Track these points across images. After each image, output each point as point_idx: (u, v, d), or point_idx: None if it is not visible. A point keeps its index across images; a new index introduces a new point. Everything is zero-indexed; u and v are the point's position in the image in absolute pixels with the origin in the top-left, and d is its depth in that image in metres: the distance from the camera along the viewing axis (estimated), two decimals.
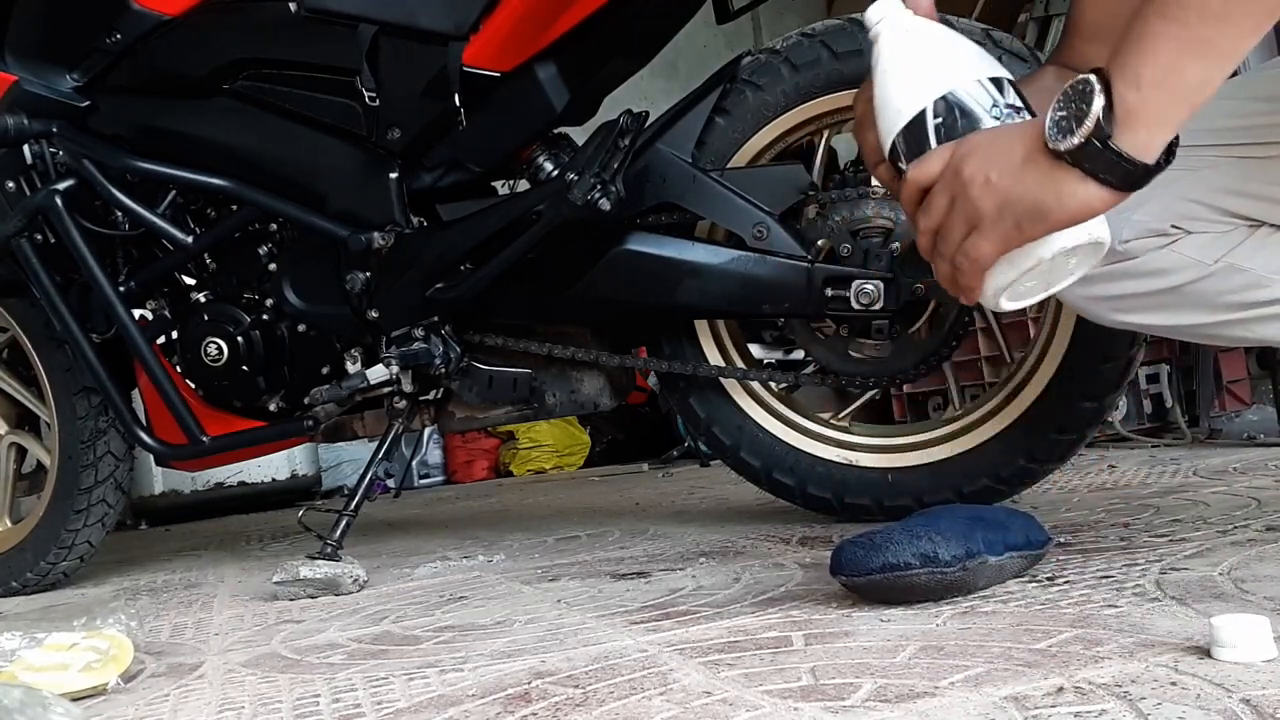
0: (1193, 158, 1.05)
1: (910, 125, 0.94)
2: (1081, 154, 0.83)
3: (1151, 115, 0.82)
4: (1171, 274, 1.07)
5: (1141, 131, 0.82)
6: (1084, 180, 0.84)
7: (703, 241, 1.70)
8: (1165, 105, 0.82)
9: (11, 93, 1.90)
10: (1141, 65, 0.82)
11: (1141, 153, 0.83)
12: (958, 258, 0.92)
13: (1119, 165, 0.83)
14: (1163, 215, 1.06)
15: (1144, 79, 0.82)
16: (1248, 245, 1.05)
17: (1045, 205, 0.86)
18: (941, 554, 1.05)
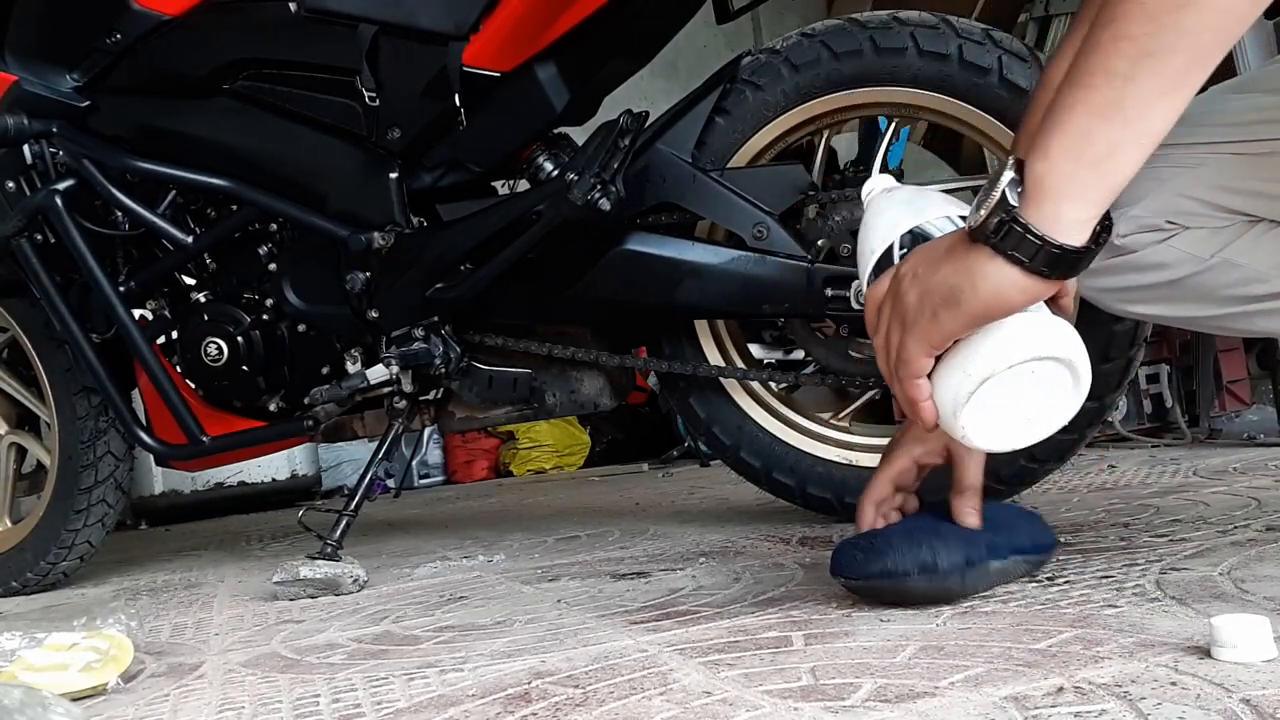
0: (1188, 155, 1.06)
1: (880, 260, 0.96)
2: (989, 230, 0.81)
3: (1059, 185, 0.79)
4: (1170, 268, 1.08)
5: (1048, 204, 0.79)
6: (994, 259, 0.81)
7: (703, 241, 1.70)
8: (1073, 174, 0.79)
9: (11, 93, 1.90)
10: (1051, 135, 0.80)
11: (1052, 228, 0.79)
12: (896, 368, 0.89)
13: (1028, 241, 0.80)
14: (1159, 211, 1.07)
15: (1052, 148, 0.80)
16: (1244, 241, 1.06)
17: (958, 288, 0.83)
18: (941, 563, 1.05)
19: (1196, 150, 1.07)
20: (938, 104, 1.59)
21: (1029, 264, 0.80)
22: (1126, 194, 1.08)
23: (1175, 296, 1.10)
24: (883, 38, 1.60)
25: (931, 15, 1.61)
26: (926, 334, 0.86)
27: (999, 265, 0.81)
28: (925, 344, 0.87)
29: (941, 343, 0.86)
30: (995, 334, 0.86)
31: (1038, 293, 0.83)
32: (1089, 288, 1.15)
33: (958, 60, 1.57)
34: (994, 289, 0.82)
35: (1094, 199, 0.80)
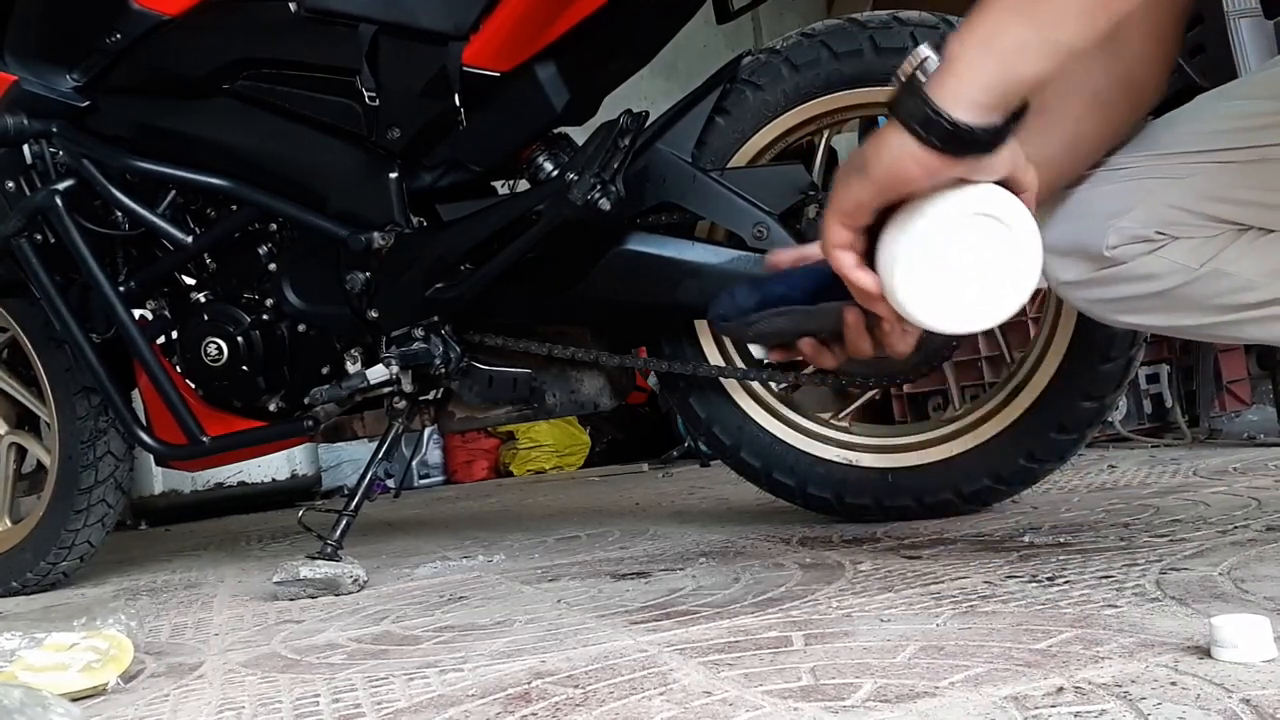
0: (1176, 166, 1.07)
1: None
2: (896, 100, 0.85)
3: (963, 68, 0.83)
4: (1160, 278, 1.08)
5: (950, 80, 0.83)
6: (898, 129, 0.85)
7: (703, 241, 1.70)
8: (979, 60, 0.83)
9: (11, 93, 1.90)
10: (971, 22, 0.84)
11: (946, 102, 0.83)
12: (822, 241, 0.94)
13: (924, 110, 0.83)
14: (1147, 222, 1.08)
15: (967, 34, 0.84)
16: (1233, 249, 1.06)
17: (867, 158, 0.87)
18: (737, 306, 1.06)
19: (1184, 160, 1.07)
20: None
21: (923, 134, 0.84)
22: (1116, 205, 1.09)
23: (1167, 306, 1.10)
24: (883, 38, 1.60)
25: (931, 15, 1.61)
26: (839, 202, 0.90)
27: (900, 134, 0.85)
28: (838, 211, 0.90)
29: (852, 210, 0.89)
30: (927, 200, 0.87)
31: (932, 167, 0.85)
32: (1081, 298, 1.15)
33: None
34: (893, 157, 0.86)
35: (992, 87, 0.83)
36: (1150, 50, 1.07)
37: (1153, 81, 1.09)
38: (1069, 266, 1.14)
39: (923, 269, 0.88)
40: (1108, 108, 1.08)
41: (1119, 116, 1.09)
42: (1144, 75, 1.08)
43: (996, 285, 0.89)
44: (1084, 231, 1.10)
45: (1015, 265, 0.88)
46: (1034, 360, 1.62)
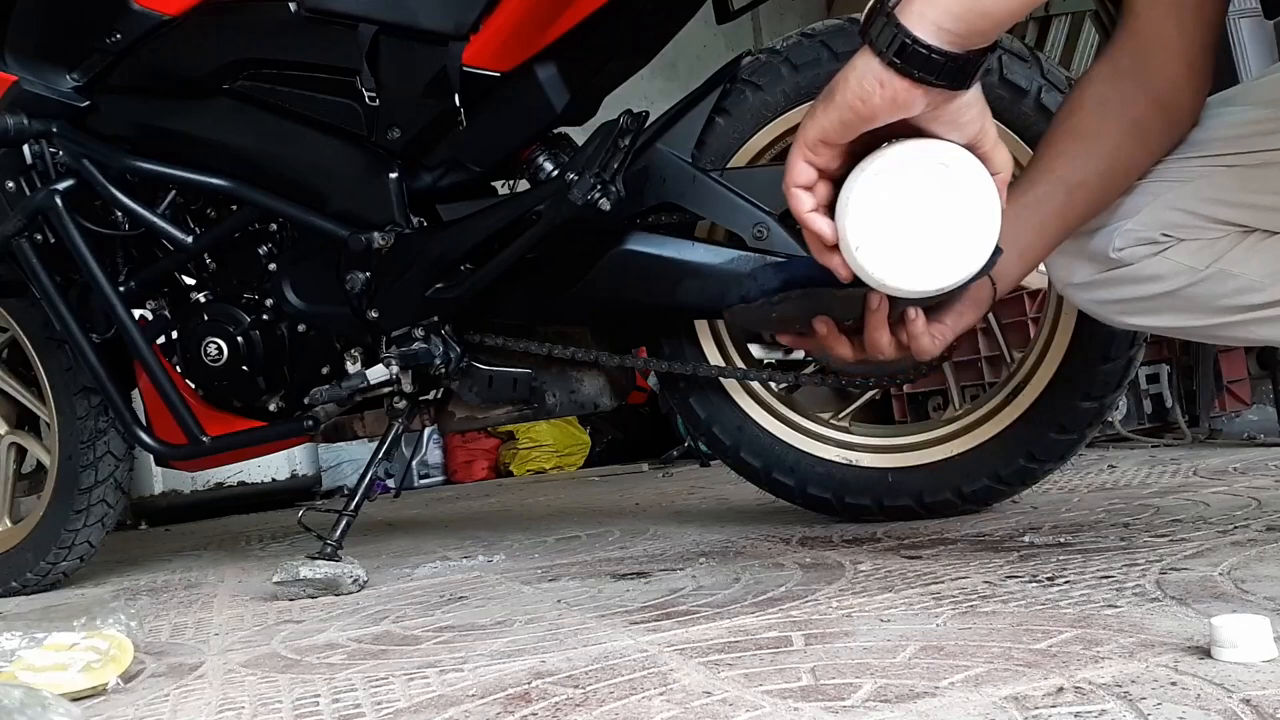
0: (1181, 170, 1.07)
1: None
2: (866, 25, 0.84)
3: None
4: (1165, 279, 1.09)
5: (920, 5, 0.82)
6: (865, 53, 0.85)
7: (703, 241, 1.70)
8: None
9: (11, 93, 1.90)
10: None
11: (914, 25, 0.82)
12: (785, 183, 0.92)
13: (891, 31, 0.82)
14: (1153, 224, 1.08)
15: None
16: (1238, 251, 1.06)
17: (835, 83, 0.86)
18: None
19: (1189, 164, 1.08)
20: None
21: (888, 55, 0.83)
22: (1121, 209, 1.09)
23: (1171, 307, 1.11)
24: None
25: None
26: (804, 132, 0.88)
27: (866, 57, 0.84)
28: (801, 143, 0.88)
29: (815, 141, 0.88)
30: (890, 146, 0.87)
31: (897, 91, 0.83)
32: (1087, 300, 1.16)
33: None
34: (857, 78, 0.85)
35: (958, 14, 0.82)
36: (1182, 75, 1.07)
37: (1186, 105, 1.09)
38: (1075, 268, 1.14)
39: (875, 216, 0.87)
40: (1145, 133, 1.08)
41: (1155, 141, 1.09)
42: (1177, 100, 1.08)
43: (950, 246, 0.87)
44: (1090, 234, 1.11)
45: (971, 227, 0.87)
46: (1034, 360, 1.62)
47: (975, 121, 0.87)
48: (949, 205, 0.86)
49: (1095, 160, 1.08)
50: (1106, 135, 1.07)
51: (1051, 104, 1.53)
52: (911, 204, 0.86)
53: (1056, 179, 1.08)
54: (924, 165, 0.86)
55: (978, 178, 0.86)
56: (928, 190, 0.86)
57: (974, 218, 0.86)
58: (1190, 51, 1.06)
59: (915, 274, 0.87)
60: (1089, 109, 1.08)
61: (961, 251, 0.87)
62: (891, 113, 0.85)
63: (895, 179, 0.86)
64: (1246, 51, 2.81)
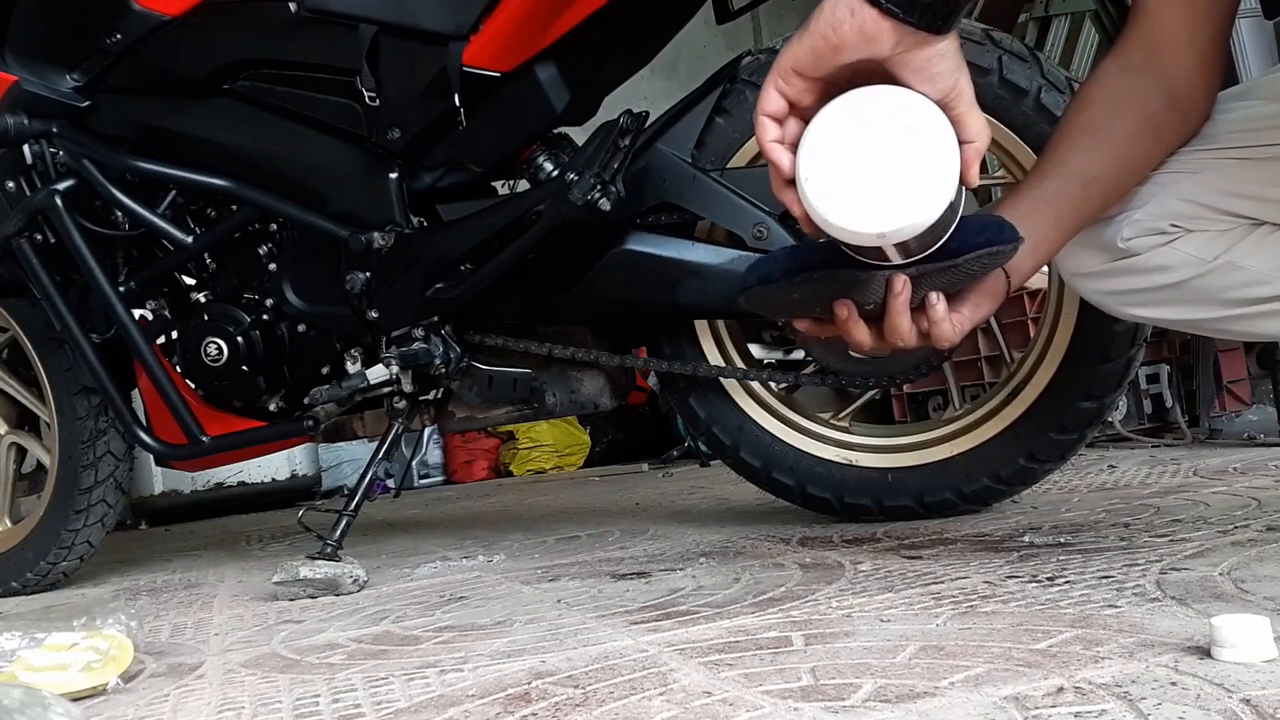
0: (1191, 161, 1.07)
1: None
2: None
3: None
4: (1173, 270, 1.09)
5: None
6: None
7: (703, 241, 1.70)
8: None
9: (11, 93, 1.90)
10: None
11: None
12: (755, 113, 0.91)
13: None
14: (1162, 215, 1.09)
15: None
16: (1247, 243, 1.07)
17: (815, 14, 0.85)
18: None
19: (1199, 156, 1.08)
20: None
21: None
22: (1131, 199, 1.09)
23: (1178, 299, 1.11)
24: None
25: None
26: (778, 61, 0.88)
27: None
28: (774, 71, 0.88)
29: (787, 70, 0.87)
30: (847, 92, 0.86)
31: (864, 18, 0.82)
32: (1093, 290, 1.16)
33: None
34: (831, 7, 0.83)
35: None
36: (1194, 70, 1.07)
37: (1198, 100, 1.08)
38: (1082, 257, 1.14)
39: (827, 151, 0.85)
40: (1159, 128, 1.08)
41: (1169, 136, 1.09)
42: (1189, 95, 1.08)
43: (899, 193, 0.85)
44: (1100, 223, 1.11)
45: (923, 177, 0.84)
46: (1034, 360, 1.62)
47: (948, 75, 0.85)
48: (903, 152, 0.84)
49: (1110, 154, 1.07)
50: (1120, 129, 1.07)
51: (1051, 104, 1.53)
52: (865, 144, 0.85)
53: (1071, 173, 1.07)
54: (884, 108, 0.85)
55: (937, 130, 0.84)
56: (884, 133, 0.84)
57: (927, 168, 0.84)
58: (1201, 47, 1.06)
59: (859, 215, 0.85)
60: (1101, 103, 1.08)
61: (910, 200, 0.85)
62: (859, 44, 0.84)
63: (853, 117, 0.85)
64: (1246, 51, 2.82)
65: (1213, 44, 1.07)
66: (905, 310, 0.99)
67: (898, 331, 1.00)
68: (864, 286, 0.98)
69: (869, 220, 0.85)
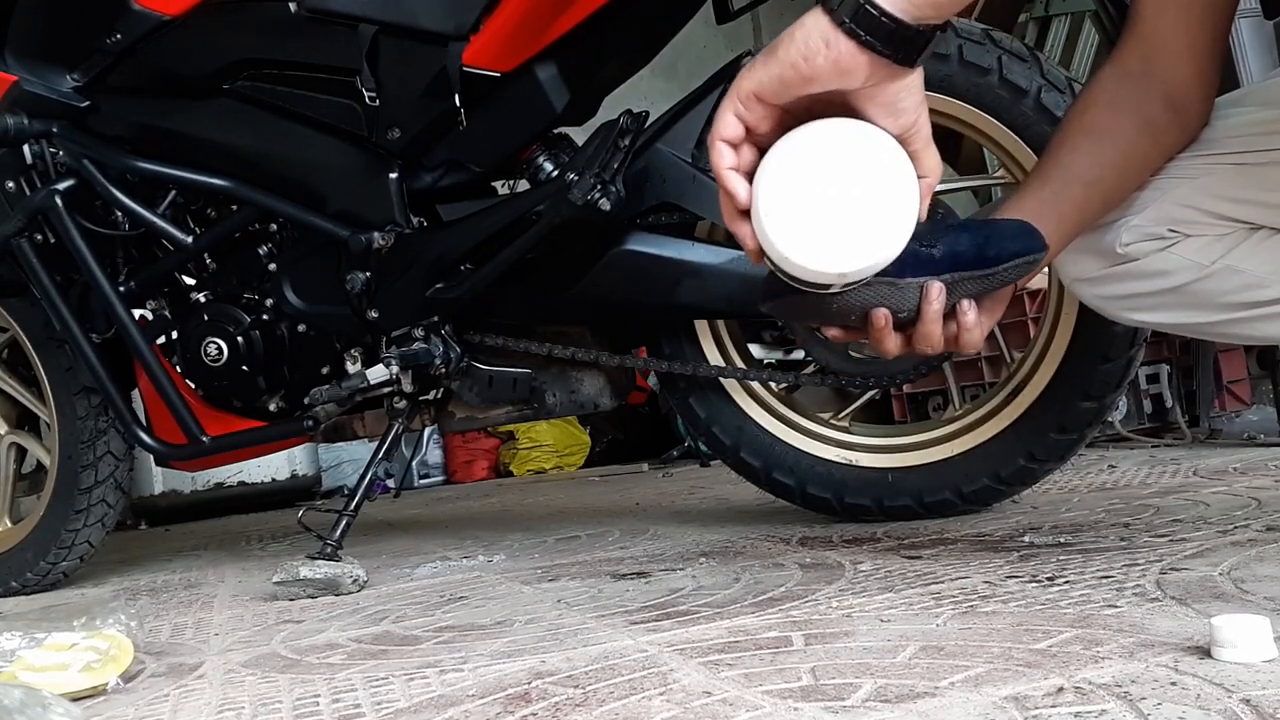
0: (1189, 167, 1.08)
1: None
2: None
3: None
4: (1172, 275, 1.09)
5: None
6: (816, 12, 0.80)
7: (703, 241, 1.70)
8: None
9: (11, 93, 1.90)
10: None
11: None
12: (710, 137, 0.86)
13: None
14: (1160, 219, 1.09)
15: None
16: (1245, 247, 1.07)
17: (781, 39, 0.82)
18: None
19: (1197, 162, 1.09)
20: (937, 104, 1.59)
21: (838, 12, 0.79)
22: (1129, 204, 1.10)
23: (1177, 303, 1.11)
24: None
25: None
26: (739, 83, 0.84)
27: (816, 14, 0.80)
28: (734, 94, 0.84)
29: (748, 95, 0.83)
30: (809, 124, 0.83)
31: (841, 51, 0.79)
32: (1093, 295, 1.17)
33: (957, 60, 1.57)
34: (804, 35, 0.80)
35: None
36: (1192, 76, 1.07)
37: (1196, 106, 1.09)
38: (1082, 263, 1.15)
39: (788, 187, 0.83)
40: (1157, 132, 1.08)
41: (1168, 141, 1.09)
42: (1187, 100, 1.08)
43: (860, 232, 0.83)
44: (1097, 229, 1.12)
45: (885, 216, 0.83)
46: (1034, 360, 1.62)
47: (911, 111, 0.84)
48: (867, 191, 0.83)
49: (1110, 156, 1.08)
50: (1120, 132, 1.08)
51: (1051, 104, 1.53)
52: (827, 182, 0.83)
53: (1072, 176, 1.08)
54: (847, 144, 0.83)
55: (900, 169, 0.83)
56: (847, 171, 0.83)
57: (891, 209, 0.83)
58: (1198, 53, 1.07)
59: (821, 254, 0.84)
60: (1101, 106, 1.08)
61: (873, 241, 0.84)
62: (833, 76, 0.81)
63: (815, 152, 0.83)
64: (1246, 52, 2.82)
65: (1210, 50, 1.07)
66: (939, 319, 0.98)
67: (929, 339, 0.99)
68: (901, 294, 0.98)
69: (830, 260, 0.84)
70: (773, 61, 0.82)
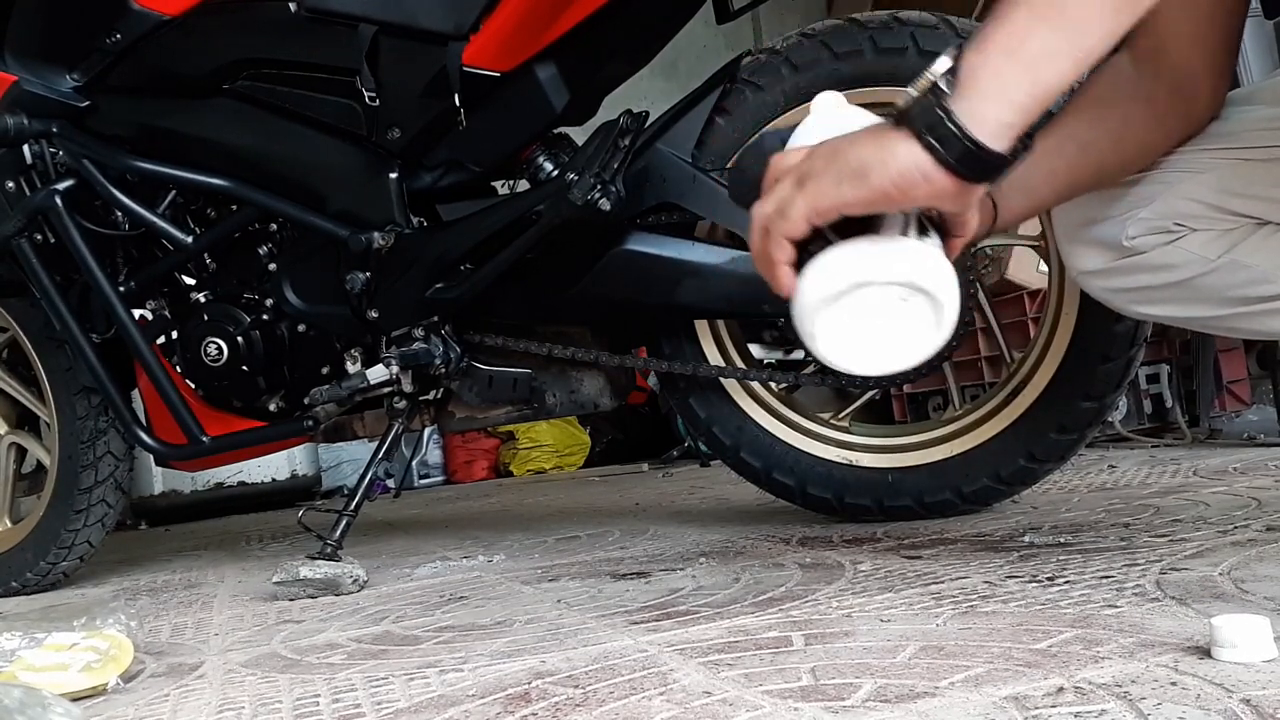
0: (1195, 161, 1.09)
1: None
2: (913, 112, 0.79)
3: (989, 81, 0.78)
4: (1178, 269, 1.10)
5: (976, 99, 0.77)
6: (910, 141, 0.79)
7: (703, 241, 1.70)
8: (1004, 70, 0.78)
9: (11, 93, 1.90)
10: (990, 28, 0.79)
11: (973, 124, 0.77)
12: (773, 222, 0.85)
13: (947, 130, 0.77)
14: (1166, 213, 1.10)
15: (989, 41, 0.78)
16: (1250, 242, 1.07)
17: (869, 163, 0.80)
18: None
19: (1203, 156, 1.09)
20: None
21: (942, 153, 0.78)
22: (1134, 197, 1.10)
23: (1183, 297, 1.12)
24: (883, 38, 1.60)
25: (932, 15, 1.61)
26: (820, 195, 0.82)
27: (913, 148, 0.79)
28: (815, 205, 0.82)
29: (830, 209, 0.82)
30: (886, 246, 0.84)
31: (942, 187, 0.80)
32: (1100, 288, 1.18)
33: None
34: (902, 169, 0.79)
35: (1020, 103, 0.78)
36: (1201, 64, 1.07)
37: (1204, 95, 1.09)
38: (1089, 256, 1.16)
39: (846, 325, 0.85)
40: (1161, 114, 1.09)
41: (1172, 126, 1.10)
42: (1194, 88, 1.08)
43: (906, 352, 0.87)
44: (1105, 223, 1.13)
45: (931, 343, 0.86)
46: (1034, 360, 1.62)
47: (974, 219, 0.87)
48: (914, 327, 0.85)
49: (1107, 124, 1.09)
50: (1120, 103, 1.08)
51: None
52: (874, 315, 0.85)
53: (1068, 134, 1.09)
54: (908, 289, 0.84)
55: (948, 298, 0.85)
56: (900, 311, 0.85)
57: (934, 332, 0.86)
58: (1209, 42, 1.07)
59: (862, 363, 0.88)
60: (1107, 78, 1.09)
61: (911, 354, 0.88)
62: (928, 203, 0.82)
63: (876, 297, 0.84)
64: (1246, 52, 2.82)
65: (1222, 38, 1.07)
66: None
67: None
68: None
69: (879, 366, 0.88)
70: (862, 187, 0.81)
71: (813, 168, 0.83)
